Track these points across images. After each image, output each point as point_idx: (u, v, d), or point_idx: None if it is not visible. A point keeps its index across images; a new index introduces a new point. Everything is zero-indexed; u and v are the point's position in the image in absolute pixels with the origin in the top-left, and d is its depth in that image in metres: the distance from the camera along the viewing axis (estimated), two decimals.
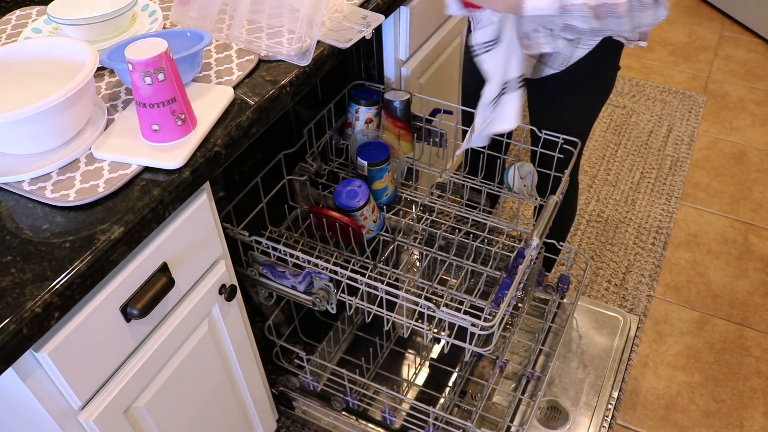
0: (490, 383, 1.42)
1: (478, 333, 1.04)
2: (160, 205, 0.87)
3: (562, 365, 1.56)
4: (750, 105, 2.70)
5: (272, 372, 1.49)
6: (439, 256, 1.43)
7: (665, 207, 2.24)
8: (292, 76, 1.09)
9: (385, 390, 1.34)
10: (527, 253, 1.13)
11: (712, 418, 1.67)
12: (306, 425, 1.59)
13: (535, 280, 1.56)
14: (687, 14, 3.28)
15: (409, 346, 1.64)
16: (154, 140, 0.93)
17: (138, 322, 0.93)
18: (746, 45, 3.05)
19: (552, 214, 1.21)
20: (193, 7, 1.17)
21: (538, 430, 1.45)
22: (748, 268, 2.03)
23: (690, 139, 2.52)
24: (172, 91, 0.90)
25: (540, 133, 1.34)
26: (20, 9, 1.26)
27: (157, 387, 1.02)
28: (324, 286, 1.18)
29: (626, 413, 1.68)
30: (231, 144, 0.98)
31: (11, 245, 0.81)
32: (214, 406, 1.19)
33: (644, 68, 2.93)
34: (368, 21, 1.22)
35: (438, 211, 1.44)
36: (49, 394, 0.84)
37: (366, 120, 1.41)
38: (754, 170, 2.39)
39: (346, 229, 1.33)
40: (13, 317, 0.73)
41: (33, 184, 0.88)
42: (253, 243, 1.20)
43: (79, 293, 0.79)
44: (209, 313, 1.10)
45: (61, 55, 0.98)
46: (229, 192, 1.35)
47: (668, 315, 1.91)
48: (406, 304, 1.12)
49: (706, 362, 1.79)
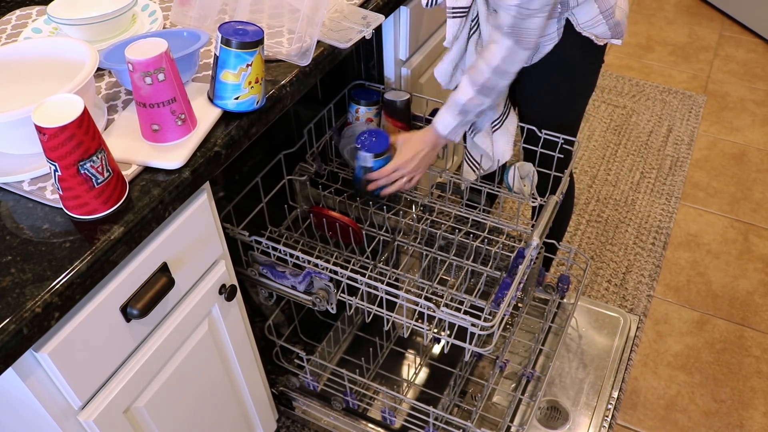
0: (490, 383, 1.42)
1: (478, 333, 1.04)
2: (160, 205, 0.87)
3: (562, 365, 1.56)
4: (750, 105, 2.70)
5: (272, 372, 1.49)
6: (439, 256, 1.43)
7: (665, 207, 2.24)
8: (292, 76, 1.09)
9: (385, 390, 1.34)
10: (527, 253, 1.13)
11: (712, 418, 1.67)
12: (306, 425, 1.59)
13: (535, 280, 1.56)
14: (687, 14, 3.28)
15: (409, 346, 1.64)
16: (154, 140, 0.93)
17: (138, 322, 0.93)
18: (746, 45, 3.05)
19: (552, 214, 1.21)
20: (193, 7, 1.17)
21: (538, 430, 1.45)
22: (748, 268, 2.03)
23: (690, 139, 2.52)
24: (172, 91, 0.90)
25: (540, 134, 1.34)
26: (20, 9, 1.26)
27: (157, 387, 1.02)
28: (324, 286, 1.18)
29: (626, 413, 1.68)
30: (231, 144, 0.98)
31: (11, 245, 0.81)
32: (214, 405, 1.19)
33: (644, 68, 2.93)
34: (368, 21, 1.22)
35: (438, 211, 1.44)
36: (49, 394, 0.84)
37: (366, 120, 1.41)
38: (754, 170, 2.39)
39: (346, 229, 1.33)
40: (13, 317, 0.73)
41: (33, 184, 0.88)
42: (253, 243, 1.20)
43: (79, 293, 0.79)
44: (209, 313, 1.10)
45: (61, 55, 0.98)
46: (229, 192, 1.35)
47: (668, 315, 1.91)
48: (406, 304, 1.12)
49: (706, 362, 1.79)
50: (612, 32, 1.25)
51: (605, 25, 1.23)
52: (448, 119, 1.26)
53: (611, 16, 1.23)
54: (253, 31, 0.97)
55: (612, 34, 1.25)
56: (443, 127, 1.27)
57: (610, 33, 1.25)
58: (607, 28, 1.23)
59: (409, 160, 1.30)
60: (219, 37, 0.95)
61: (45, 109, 0.77)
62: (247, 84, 0.98)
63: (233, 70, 0.96)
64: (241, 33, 0.96)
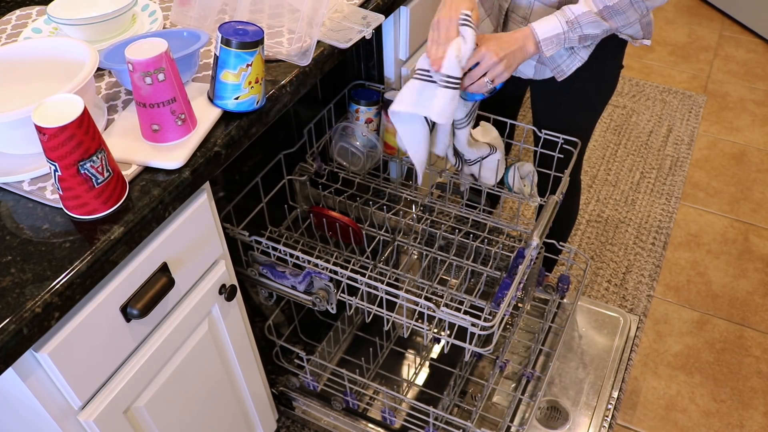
0: (490, 383, 1.42)
1: (478, 333, 1.04)
2: (160, 205, 0.87)
3: (562, 365, 1.56)
4: (750, 105, 2.70)
5: (272, 372, 1.49)
6: (439, 256, 1.43)
7: (665, 207, 2.24)
8: (292, 76, 1.09)
9: (385, 390, 1.34)
10: (527, 253, 1.13)
11: (712, 418, 1.67)
12: (306, 425, 1.59)
13: (535, 280, 1.56)
14: (687, 14, 3.28)
15: (409, 346, 1.64)
16: (154, 140, 0.93)
17: (138, 322, 0.93)
18: (746, 45, 3.05)
19: (552, 214, 1.21)
20: (193, 7, 1.17)
21: (538, 430, 1.45)
22: (748, 268, 2.03)
23: (690, 139, 2.52)
24: (172, 91, 0.90)
25: (540, 133, 1.34)
26: (20, 9, 1.26)
27: (157, 387, 1.02)
28: (324, 286, 1.18)
29: (626, 413, 1.68)
30: (231, 144, 0.98)
31: (11, 245, 0.81)
32: (214, 405, 1.19)
33: (644, 68, 2.93)
34: (368, 21, 1.22)
35: (438, 211, 1.44)
36: (49, 394, 0.84)
37: (366, 120, 1.41)
38: (754, 170, 2.39)
39: (346, 229, 1.33)
40: (13, 317, 0.73)
41: (33, 184, 0.88)
42: (253, 243, 1.20)
43: (79, 293, 0.79)
44: (209, 313, 1.10)
45: (61, 55, 0.98)
46: (229, 192, 1.35)
47: (668, 315, 1.91)
48: (406, 304, 1.12)
49: (706, 362, 1.79)
50: (644, 32, 1.24)
51: (638, 24, 1.20)
52: (552, 24, 1.13)
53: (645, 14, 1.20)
54: (253, 31, 0.97)
55: (644, 34, 1.24)
56: (542, 31, 1.13)
57: (642, 33, 1.24)
58: (640, 27, 1.22)
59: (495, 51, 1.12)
60: (219, 37, 0.95)
61: (45, 109, 0.77)
62: (247, 84, 0.98)
63: (233, 70, 0.96)
64: (241, 33, 0.96)
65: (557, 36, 1.14)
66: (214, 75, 0.98)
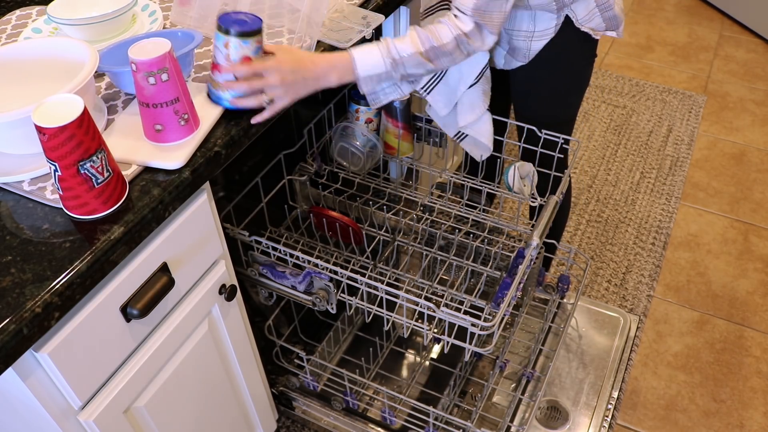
0: (490, 383, 1.42)
1: (478, 333, 1.04)
2: (160, 205, 0.87)
3: (562, 365, 1.56)
4: (750, 105, 2.70)
5: (272, 372, 1.49)
6: (439, 256, 1.43)
7: (665, 207, 2.24)
8: None
9: (385, 390, 1.34)
10: (527, 253, 1.13)
11: (712, 418, 1.67)
12: (306, 425, 1.59)
13: (535, 280, 1.56)
14: (687, 14, 3.28)
15: (409, 346, 1.64)
16: (157, 140, 0.93)
17: (138, 322, 0.93)
18: (746, 45, 3.05)
19: (552, 214, 1.21)
20: (193, 7, 1.17)
21: (538, 430, 1.45)
22: (748, 268, 2.03)
23: (690, 139, 2.52)
24: (175, 91, 0.90)
25: (540, 133, 1.34)
26: (20, 9, 1.26)
27: (157, 387, 1.02)
28: (324, 286, 1.18)
29: (626, 413, 1.68)
30: (231, 144, 0.98)
31: (11, 245, 0.81)
32: (214, 405, 1.19)
33: (644, 68, 2.93)
34: (368, 21, 1.22)
35: (438, 211, 1.44)
36: (49, 394, 0.84)
37: (366, 120, 1.41)
38: (754, 170, 2.39)
39: (346, 229, 1.33)
40: (13, 317, 0.73)
41: (33, 184, 0.88)
42: (253, 243, 1.20)
43: (79, 293, 0.79)
44: (209, 313, 1.10)
45: (61, 55, 0.98)
46: (229, 192, 1.35)
47: (668, 315, 1.91)
48: (406, 304, 1.12)
49: (706, 362, 1.79)
50: (606, 24, 1.26)
51: (600, 17, 1.24)
52: (375, 60, 1.07)
53: (608, 8, 1.24)
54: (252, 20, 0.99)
55: (606, 26, 1.27)
56: (364, 67, 1.07)
57: (605, 25, 1.26)
58: (602, 20, 1.25)
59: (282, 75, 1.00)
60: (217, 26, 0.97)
61: (45, 109, 0.77)
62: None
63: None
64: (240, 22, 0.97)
65: (378, 75, 1.09)
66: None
